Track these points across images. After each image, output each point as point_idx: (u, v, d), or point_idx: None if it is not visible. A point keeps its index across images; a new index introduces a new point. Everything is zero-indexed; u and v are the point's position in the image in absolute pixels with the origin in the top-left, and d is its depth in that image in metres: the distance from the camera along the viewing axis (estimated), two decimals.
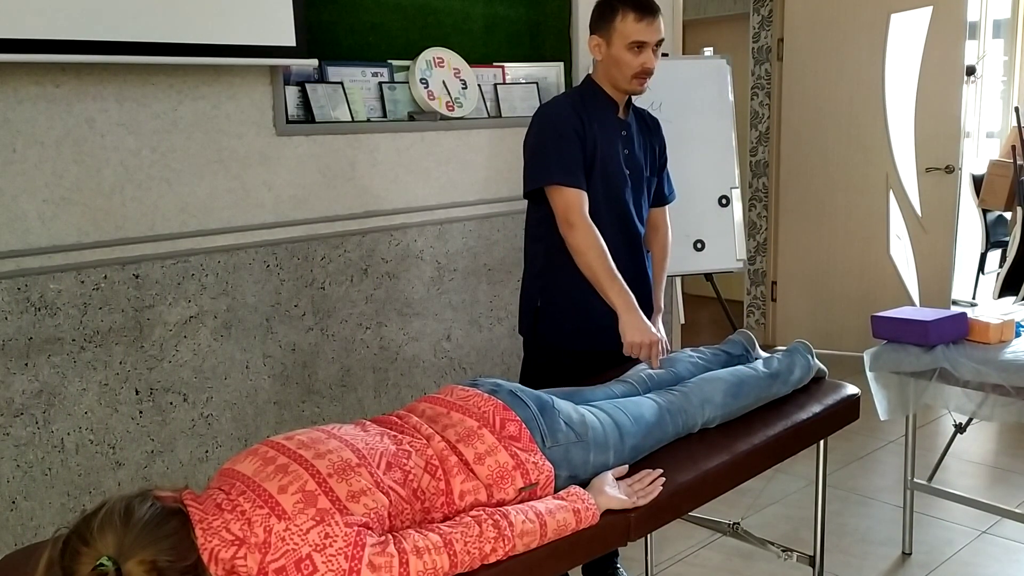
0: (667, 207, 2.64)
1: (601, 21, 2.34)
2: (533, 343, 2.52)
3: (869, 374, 2.76)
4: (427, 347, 3.49)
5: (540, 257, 2.46)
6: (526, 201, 2.49)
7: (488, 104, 3.60)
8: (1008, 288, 4.99)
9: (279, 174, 3.04)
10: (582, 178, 2.30)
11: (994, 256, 5.83)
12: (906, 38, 4.77)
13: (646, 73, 2.33)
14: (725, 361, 2.29)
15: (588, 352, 2.42)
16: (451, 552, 1.39)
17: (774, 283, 5.39)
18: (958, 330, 2.66)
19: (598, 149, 2.35)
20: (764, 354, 2.35)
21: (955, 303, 5.10)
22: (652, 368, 2.17)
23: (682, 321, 4.64)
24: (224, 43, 2.72)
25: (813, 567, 2.41)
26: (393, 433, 1.59)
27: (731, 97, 3.98)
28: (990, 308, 2.98)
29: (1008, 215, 5.71)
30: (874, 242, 4.99)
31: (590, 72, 2.46)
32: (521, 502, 1.57)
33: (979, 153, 6.47)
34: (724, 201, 3.94)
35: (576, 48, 3.90)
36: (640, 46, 2.29)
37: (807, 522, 2.61)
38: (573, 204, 2.27)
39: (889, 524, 3.13)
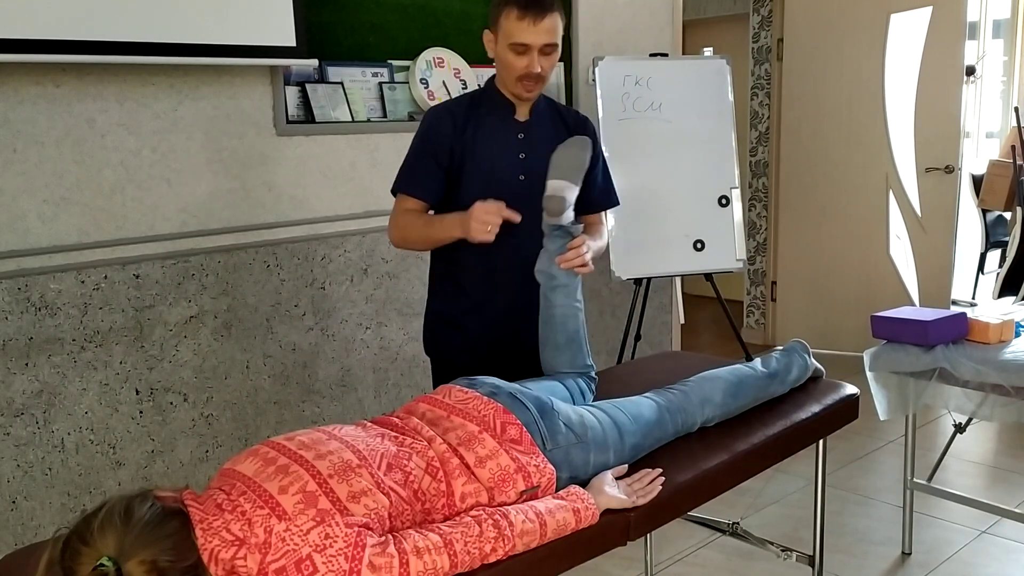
0: (608, 212, 2.37)
1: (492, 15, 2.13)
2: (431, 357, 2.40)
3: (869, 374, 2.76)
4: None
5: (434, 273, 2.35)
6: None
7: None
8: (1008, 288, 4.99)
9: (279, 174, 3.04)
10: (427, 186, 2.17)
11: (994, 256, 5.83)
12: (906, 38, 4.77)
13: (531, 78, 2.11)
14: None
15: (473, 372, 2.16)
16: (451, 552, 1.39)
17: (774, 283, 5.39)
18: (958, 330, 2.66)
19: (472, 156, 2.16)
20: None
21: (955, 303, 5.10)
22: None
23: (682, 321, 4.64)
24: (224, 43, 2.73)
25: (812, 567, 2.41)
26: (394, 434, 1.59)
27: (731, 97, 3.98)
28: (990, 308, 2.98)
29: (1008, 215, 5.71)
30: (874, 242, 4.99)
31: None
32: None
33: (979, 153, 6.48)
34: (724, 201, 3.94)
35: (576, 48, 3.91)
36: (523, 48, 2.08)
37: (807, 522, 2.61)
38: (399, 209, 2.18)
39: (889, 524, 3.13)
